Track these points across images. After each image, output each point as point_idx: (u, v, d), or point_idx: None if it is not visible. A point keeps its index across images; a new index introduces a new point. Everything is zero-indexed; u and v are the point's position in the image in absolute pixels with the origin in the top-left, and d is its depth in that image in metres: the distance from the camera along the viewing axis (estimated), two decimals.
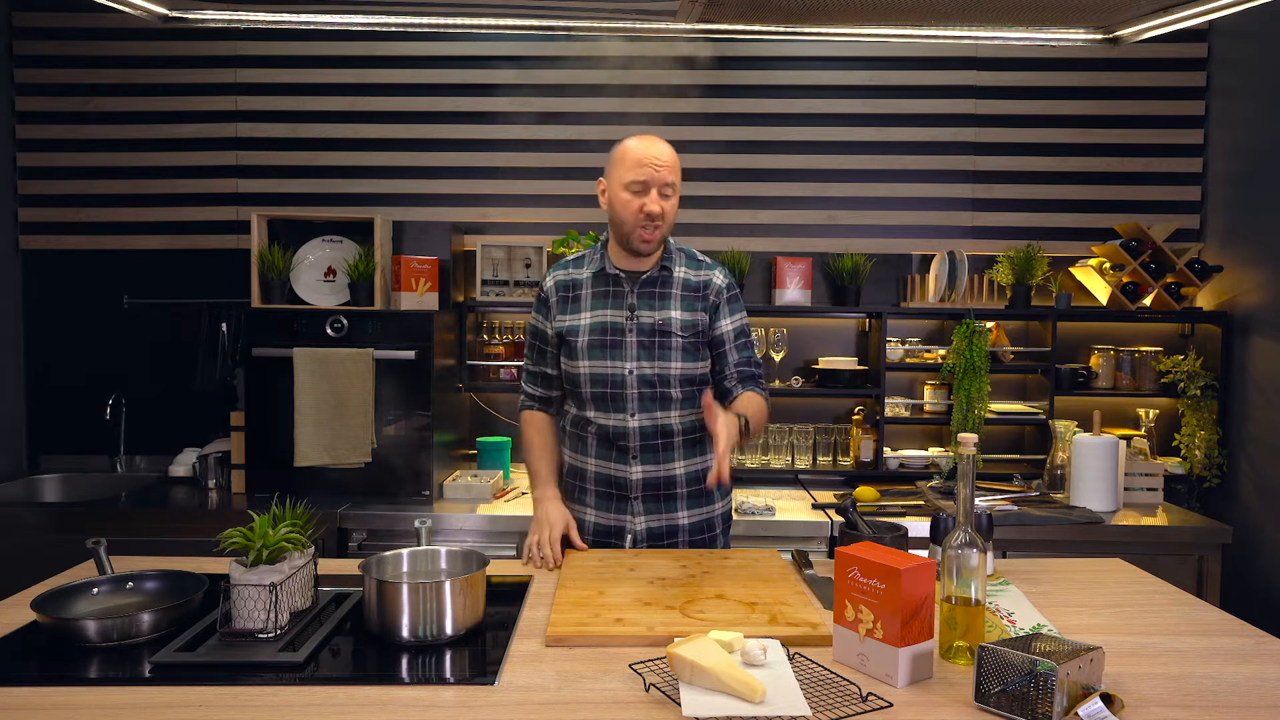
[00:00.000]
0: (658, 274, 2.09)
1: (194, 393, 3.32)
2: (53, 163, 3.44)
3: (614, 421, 2.06)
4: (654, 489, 2.08)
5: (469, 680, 1.38)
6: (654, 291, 2.08)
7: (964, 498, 1.46)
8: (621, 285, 2.08)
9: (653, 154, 1.99)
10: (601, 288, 2.09)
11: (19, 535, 2.77)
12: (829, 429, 3.33)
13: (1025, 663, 1.24)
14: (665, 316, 2.05)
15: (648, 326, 2.05)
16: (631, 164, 2.00)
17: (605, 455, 2.10)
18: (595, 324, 2.06)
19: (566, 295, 2.11)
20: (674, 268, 2.10)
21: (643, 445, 2.07)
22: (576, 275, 2.13)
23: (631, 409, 2.05)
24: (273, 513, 1.60)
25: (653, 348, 2.04)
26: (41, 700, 1.30)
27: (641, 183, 1.98)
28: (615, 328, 2.06)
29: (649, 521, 2.09)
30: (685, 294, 2.08)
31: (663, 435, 2.07)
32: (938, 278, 3.24)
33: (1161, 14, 2.12)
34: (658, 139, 2.04)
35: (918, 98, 3.42)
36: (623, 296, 2.07)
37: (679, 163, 2.04)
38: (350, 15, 2.43)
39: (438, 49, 3.41)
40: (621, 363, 2.04)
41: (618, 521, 2.10)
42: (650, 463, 2.07)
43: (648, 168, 1.98)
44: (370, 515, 2.80)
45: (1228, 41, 3.28)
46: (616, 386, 2.05)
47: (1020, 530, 2.70)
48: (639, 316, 2.05)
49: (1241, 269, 3.15)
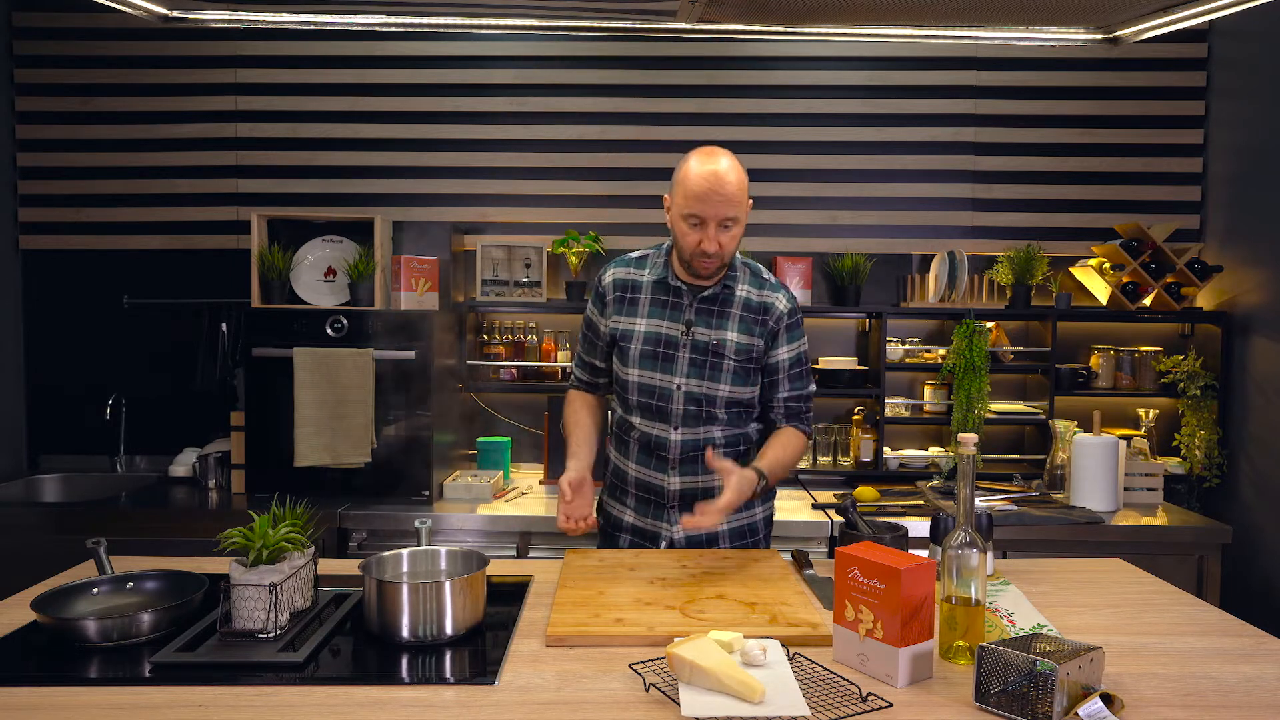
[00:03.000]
0: (719, 291, 2.02)
1: (194, 393, 3.32)
2: (53, 163, 3.44)
3: (657, 431, 2.03)
4: (692, 499, 2.04)
5: (469, 680, 1.38)
6: (713, 309, 2.02)
7: (964, 498, 1.46)
8: (681, 297, 2.02)
9: (713, 188, 1.85)
10: (661, 295, 2.04)
11: (19, 535, 2.77)
12: (829, 429, 3.33)
13: (1025, 663, 1.24)
14: (721, 337, 2.00)
15: (702, 344, 2.00)
16: (690, 195, 1.87)
17: (645, 462, 2.07)
18: (650, 333, 2.02)
19: (624, 295, 2.06)
20: (736, 286, 2.03)
21: (683, 458, 2.03)
22: (637, 276, 2.07)
23: (675, 422, 2.02)
24: (273, 513, 1.60)
25: (704, 366, 2.00)
26: (41, 700, 1.30)
27: (698, 217, 1.88)
28: (669, 340, 2.01)
29: (688, 529, 2.05)
30: (745, 314, 2.02)
31: (704, 448, 2.03)
32: (938, 278, 3.24)
33: (1161, 14, 2.12)
34: (720, 160, 1.88)
35: (918, 98, 3.42)
36: (680, 309, 2.02)
37: (744, 188, 1.90)
38: (350, 15, 2.43)
39: (438, 49, 3.41)
40: (670, 377, 2.01)
41: (654, 527, 2.08)
42: (689, 474, 2.04)
43: (706, 205, 1.86)
44: (370, 515, 2.80)
45: (1228, 41, 3.28)
46: (663, 399, 2.01)
47: (1020, 530, 2.70)
48: (695, 333, 2.00)
49: (1241, 269, 3.15)
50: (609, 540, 2.16)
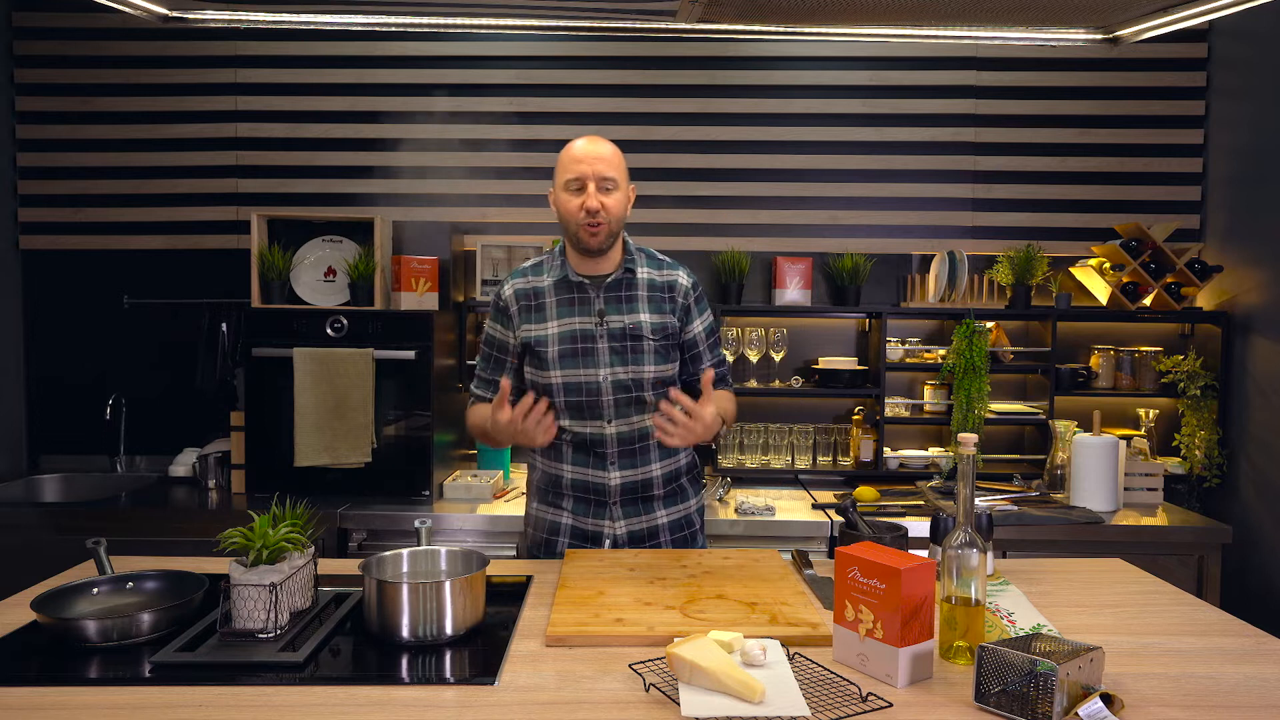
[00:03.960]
0: (621, 276, 2.04)
1: (194, 393, 3.32)
2: (53, 163, 3.44)
3: (590, 429, 2.03)
4: (632, 492, 2.06)
5: (469, 680, 1.38)
6: (620, 295, 2.04)
7: (964, 498, 1.46)
8: (586, 291, 2.03)
9: (589, 151, 1.96)
10: (566, 294, 2.03)
11: (19, 535, 2.77)
12: (829, 429, 3.33)
13: (1025, 663, 1.24)
14: (635, 320, 2.02)
15: (618, 331, 2.01)
16: (568, 163, 1.97)
17: (582, 462, 2.06)
18: (564, 332, 2.02)
19: (529, 304, 2.05)
20: (637, 269, 2.05)
21: (620, 451, 2.04)
22: (537, 283, 2.06)
23: (608, 415, 2.02)
24: (273, 513, 1.60)
25: (625, 352, 2.01)
26: (41, 700, 1.30)
27: (578, 179, 1.95)
28: (585, 334, 2.01)
29: (629, 525, 2.07)
30: (652, 294, 2.05)
31: (640, 439, 2.05)
32: (938, 278, 3.24)
33: (1161, 14, 2.11)
34: (599, 138, 2.01)
35: (918, 98, 3.42)
36: (589, 302, 2.02)
37: (621, 160, 2.00)
38: (350, 15, 2.43)
39: (438, 49, 3.41)
40: (595, 369, 2.00)
41: (596, 526, 2.07)
42: (628, 467, 2.05)
43: (583, 164, 1.95)
44: (370, 515, 2.80)
45: (1228, 41, 3.28)
46: (591, 394, 2.01)
47: (1020, 530, 2.70)
48: (608, 322, 2.02)
49: (1241, 269, 3.15)
50: (547, 548, 2.10)
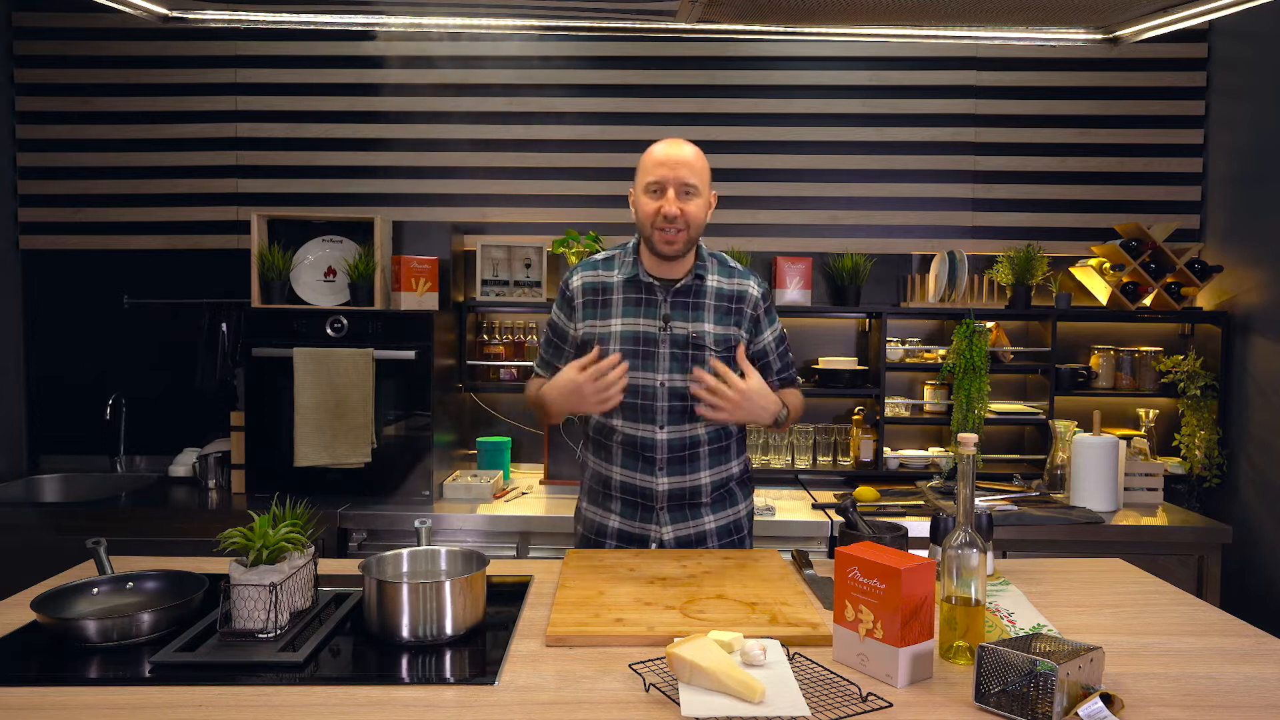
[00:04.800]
0: (691, 283, 2.03)
1: (194, 393, 3.32)
2: (53, 163, 3.44)
3: (641, 432, 2.02)
4: (679, 499, 2.05)
5: (469, 680, 1.38)
6: (688, 302, 2.02)
7: (964, 498, 1.46)
8: (654, 294, 2.02)
9: (672, 154, 1.95)
10: (634, 293, 2.03)
11: (19, 535, 2.77)
12: (829, 429, 3.33)
13: (1025, 663, 1.24)
14: (699, 330, 2.01)
15: (681, 338, 2.00)
16: (649, 165, 1.97)
17: (631, 465, 2.05)
18: (627, 332, 2.01)
19: (595, 299, 2.05)
20: (707, 277, 2.05)
21: (669, 457, 2.03)
22: (606, 278, 2.06)
23: (660, 420, 2.01)
24: (273, 513, 1.60)
25: (685, 360, 2.00)
26: (41, 700, 1.30)
27: (658, 183, 1.94)
28: (648, 337, 2.00)
29: (676, 530, 2.06)
30: (719, 304, 2.04)
31: (689, 446, 2.04)
32: (938, 278, 3.24)
33: (1161, 14, 2.12)
34: (683, 141, 1.99)
35: (918, 98, 3.42)
36: (655, 305, 2.02)
37: (705, 165, 1.99)
38: (350, 15, 2.43)
39: (438, 49, 3.40)
40: (653, 374, 2.00)
41: (643, 530, 2.07)
42: (676, 474, 2.04)
43: (664, 168, 1.94)
44: (370, 515, 2.80)
45: (1228, 41, 3.28)
46: (647, 397, 2.00)
47: (1020, 530, 2.70)
48: (673, 328, 2.00)
49: (1241, 269, 3.15)
50: (593, 548, 2.11)
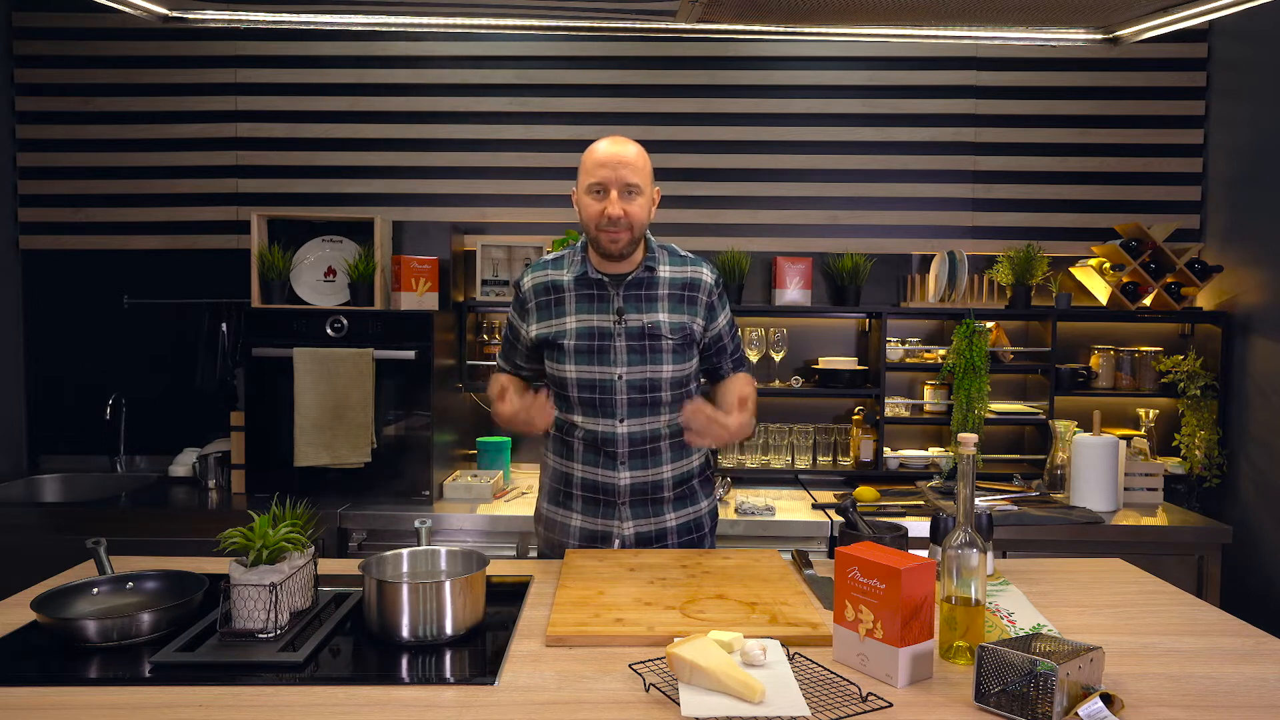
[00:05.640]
0: (643, 274, 2.02)
1: (194, 393, 3.32)
2: (53, 163, 3.44)
3: (602, 427, 2.02)
4: (641, 494, 2.05)
5: (469, 680, 1.38)
6: (640, 293, 2.02)
7: (964, 498, 1.46)
8: (606, 288, 2.01)
9: (614, 154, 1.93)
10: (586, 290, 2.02)
11: (19, 535, 2.77)
12: (829, 429, 3.33)
13: (1025, 663, 1.24)
14: (654, 320, 2.00)
15: (636, 330, 2.00)
16: (590, 166, 1.95)
17: (592, 461, 2.05)
18: (582, 328, 2.01)
19: (548, 299, 2.05)
20: (658, 267, 2.04)
21: (631, 451, 2.03)
22: (557, 277, 2.05)
23: (620, 414, 2.01)
24: (273, 513, 1.60)
25: (643, 351, 2.00)
26: (41, 700, 1.30)
27: (600, 184, 1.93)
28: (603, 332, 2.00)
29: (637, 526, 2.06)
30: (672, 293, 2.03)
31: (650, 440, 2.04)
32: (938, 278, 3.24)
33: (1161, 14, 2.12)
34: (625, 139, 1.98)
35: (918, 98, 3.42)
36: (608, 300, 2.01)
37: (646, 163, 1.98)
38: (350, 15, 2.43)
39: (438, 49, 3.41)
40: (610, 367, 1.99)
41: (605, 526, 2.06)
42: (638, 468, 2.04)
43: (606, 169, 1.92)
44: (370, 515, 2.80)
45: (1228, 41, 3.28)
46: (605, 392, 2.00)
47: (1020, 530, 2.70)
48: (627, 320, 2.00)
49: (1241, 269, 3.15)
50: (555, 550, 2.10)
